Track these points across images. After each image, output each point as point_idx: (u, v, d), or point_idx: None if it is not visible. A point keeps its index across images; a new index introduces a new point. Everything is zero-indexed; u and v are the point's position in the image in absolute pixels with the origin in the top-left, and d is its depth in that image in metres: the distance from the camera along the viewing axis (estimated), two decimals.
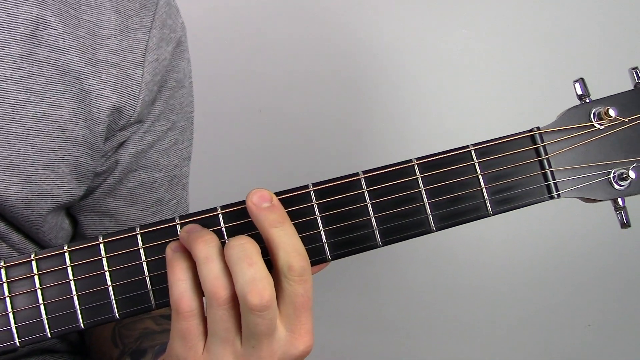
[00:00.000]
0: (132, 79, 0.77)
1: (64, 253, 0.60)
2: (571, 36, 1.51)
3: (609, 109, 0.57)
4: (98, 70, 0.75)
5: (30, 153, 0.72)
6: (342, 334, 1.59)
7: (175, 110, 0.85)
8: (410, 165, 0.58)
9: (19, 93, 0.70)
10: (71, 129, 0.73)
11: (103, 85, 0.75)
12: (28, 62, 0.71)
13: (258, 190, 0.56)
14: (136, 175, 0.84)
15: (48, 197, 0.75)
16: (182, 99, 0.86)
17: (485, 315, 1.63)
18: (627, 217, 0.58)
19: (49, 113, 0.72)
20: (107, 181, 0.82)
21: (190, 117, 0.89)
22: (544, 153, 0.58)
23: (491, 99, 1.52)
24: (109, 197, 0.84)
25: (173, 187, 0.89)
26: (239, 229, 0.59)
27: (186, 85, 0.87)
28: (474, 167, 0.58)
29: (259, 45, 1.50)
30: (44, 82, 0.71)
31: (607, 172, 0.58)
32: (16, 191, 0.72)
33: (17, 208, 0.73)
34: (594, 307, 1.63)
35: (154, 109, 0.82)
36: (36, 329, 0.60)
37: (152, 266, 0.60)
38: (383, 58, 1.51)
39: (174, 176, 0.88)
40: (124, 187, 0.84)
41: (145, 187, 0.85)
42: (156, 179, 0.86)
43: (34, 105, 0.71)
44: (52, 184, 0.75)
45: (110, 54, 0.76)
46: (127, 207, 0.85)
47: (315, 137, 1.54)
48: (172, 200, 0.89)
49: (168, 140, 0.85)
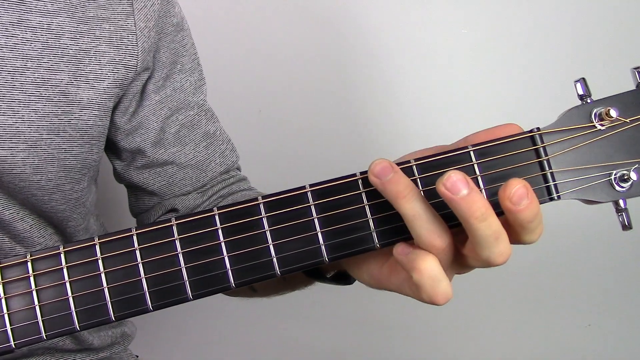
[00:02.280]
0: (126, 29, 0.79)
1: (60, 254, 0.60)
2: (572, 35, 1.50)
3: (610, 109, 0.57)
4: (91, 28, 0.76)
5: (34, 119, 0.73)
6: (342, 334, 1.59)
7: (180, 53, 0.89)
8: (408, 167, 0.57)
9: (16, 60, 0.71)
10: (74, 92, 0.75)
11: (99, 41, 0.77)
12: (20, 29, 0.72)
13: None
14: (174, 119, 0.88)
15: (54, 160, 0.76)
16: (184, 41, 0.90)
17: (485, 315, 1.62)
18: (629, 219, 0.58)
19: (48, 78, 0.73)
20: (150, 134, 0.86)
21: (195, 59, 0.92)
22: (544, 154, 0.57)
23: (491, 99, 1.52)
24: (160, 148, 0.88)
25: (210, 120, 0.93)
26: (235, 230, 0.59)
27: (185, 28, 0.90)
28: (473, 168, 0.57)
29: (259, 45, 1.49)
30: (40, 47, 0.73)
31: (608, 173, 0.57)
32: (23, 157, 0.73)
33: (26, 174, 0.74)
34: (594, 307, 1.63)
35: (160, 56, 0.85)
36: (32, 330, 0.60)
37: (148, 267, 0.59)
38: (383, 59, 1.51)
39: (207, 110, 0.93)
40: (168, 134, 0.88)
41: (187, 127, 0.89)
42: (193, 117, 0.90)
43: (33, 70, 0.72)
44: (58, 147, 0.76)
45: (100, 9, 0.77)
46: (181, 150, 0.89)
47: (315, 137, 1.54)
48: (216, 131, 0.94)
49: (185, 81, 0.89)
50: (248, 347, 1.57)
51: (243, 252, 0.59)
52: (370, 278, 0.59)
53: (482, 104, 1.51)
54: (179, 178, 0.90)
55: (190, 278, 0.59)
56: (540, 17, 1.51)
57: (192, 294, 0.59)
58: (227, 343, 1.56)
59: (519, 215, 0.51)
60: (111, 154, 0.91)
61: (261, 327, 1.53)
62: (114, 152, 0.91)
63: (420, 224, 0.53)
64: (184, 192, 0.91)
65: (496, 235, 0.52)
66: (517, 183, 0.51)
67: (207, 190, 0.92)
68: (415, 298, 0.55)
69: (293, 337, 1.57)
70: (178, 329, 1.57)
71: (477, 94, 1.51)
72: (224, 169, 0.94)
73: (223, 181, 0.94)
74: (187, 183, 0.91)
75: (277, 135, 1.53)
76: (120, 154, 0.89)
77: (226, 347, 1.56)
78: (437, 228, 0.53)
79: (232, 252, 0.59)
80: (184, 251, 0.59)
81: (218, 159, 0.93)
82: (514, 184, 0.51)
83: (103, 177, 0.96)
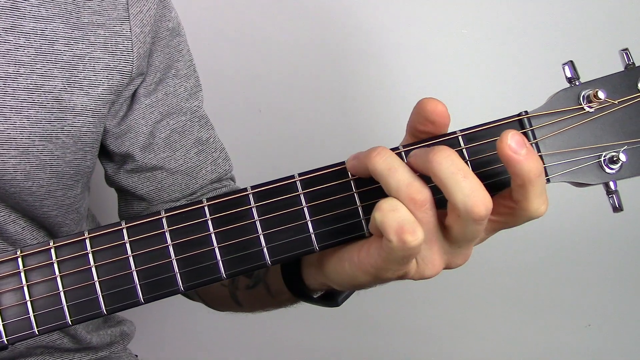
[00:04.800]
0: (121, 34, 0.78)
1: (50, 249, 0.59)
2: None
3: (598, 91, 0.56)
4: (85, 34, 0.75)
5: (26, 125, 0.72)
6: (342, 334, 1.58)
7: (175, 58, 0.87)
8: (397, 153, 0.57)
9: (8, 66, 0.71)
10: (67, 98, 0.74)
11: (93, 47, 0.76)
12: (13, 35, 0.71)
13: (511, 132, 0.51)
14: (165, 124, 0.86)
15: (46, 167, 0.76)
16: (179, 46, 0.88)
17: (485, 315, 1.61)
18: (620, 200, 0.57)
19: (40, 84, 0.73)
20: (140, 138, 0.85)
21: (191, 65, 0.91)
22: (533, 137, 0.57)
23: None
24: (150, 152, 0.86)
25: (204, 127, 0.91)
26: (225, 220, 0.58)
27: (181, 33, 0.89)
28: (462, 153, 0.57)
29: (259, 45, 1.49)
30: (33, 53, 0.72)
31: (597, 155, 0.57)
32: (14, 164, 0.72)
33: (17, 180, 0.73)
34: (594, 307, 1.62)
35: (154, 60, 0.84)
36: (23, 326, 0.60)
37: (139, 260, 0.59)
38: (382, 58, 1.51)
39: (201, 117, 0.91)
40: (158, 139, 0.86)
41: (178, 132, 0.87)
42: (185, 122, 0.88)
43: (25, 77, 0.72)
44: (50, 154, 0.75)
45: (94, 15, 0.76)
46: (171, 156, 0.87)
47: (315, 137, 1.54)
48: (209, 138, 0.91)
49: (179, 86, 0.87)
50: (248, 347, 1.57)
51: (233, 242, 0.59)
52: (351, 264, 0.58)
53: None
54: (168, 184, 0.89)
55: (181, 270, 0.59)
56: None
57: (184, 286, 0.59)
58: (227, 343, 1.56)
59: (524, 166, 0.51)
60: (102, 157, 0.90)
61: (261, 327, 1.53)
62: (105, 156, 0.90)
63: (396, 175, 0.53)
64: (173, 198, 0.90)
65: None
66: (511, 130, 0.51)
67: (196, 198, 0.91)
68: (391, 267, 0.54)
69: (293, 337, 1.56)
70: (178, 329, 1.57)
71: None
72: (215, 177, 0.92)
73: (214, 190, 0.92)
74: (176, 189, 0.89)
75: (277, 135, 1.53)
76: (111, 158, 0.89)
77: (226, 346, 1.56)
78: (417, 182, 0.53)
79: (222, 242, 0.59)
80: (174, 243, 0.59)
81: (210, 167, 0.91)
82: (508, 131, 0.51)
83: (100, 178, 0.96)
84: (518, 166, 0.51)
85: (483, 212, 0.50)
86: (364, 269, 0.56)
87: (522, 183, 0.52)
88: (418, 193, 0.52)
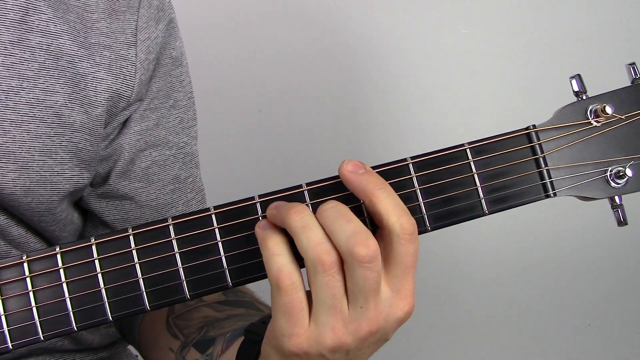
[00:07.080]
0: (126, 59, 0.77)
1: (56, 254, 0.59)
2: (568, 32, 1.50)
3: (605, 106, 0.57)
4: (91, 54, 0.75)
5: (26, 139, 0.71)
6: None
7: (175, 88, 0.86)
8: (405, 164, 0.57)
9: (12, 79, 0.70)
10: (67, 114, 0.73)
11: (97, 67, 0.75)
12: (19, 48, 0.71)
13: (349, 160, 0.56)
14: (147, 154, 0.84)
15: (47, 183, 0.74)
16: (181, 77, 0.86)
17: (485, 315, 1.62)
18: (625, 214, 0.58)
19: (42, 99, 0.72)
20: (119, 163, 0.82)
21: (191, 97, 0.89)
22: (540, 151, 0.57)
23: (487, 97, 1.52)
24: (124, 179, 0.83)
25: (187, 165, 0.88)
26: (232, 230, 0.59)
27: (184, 64, 0.87)
28: (469, 165, 0.57)
29: (259, 45, 1.49)
30: (37, 67, 0.71)
31: (604, 170, 0.57)
32: (14, 178, 0.71)
33: (16, 195, 0.73)
34: (594, 307, 1.62)
35: (151, 86, 0.82)
36: (29, 331, 0.60)
37: (145, 268, 0.59)
38: (382, 58, 1.51)
39: (187, 153, 0.88)
40: (137, 167, 0.83)
41: (159, 165, 0.85)
42: (168, 157, 0.85)
43: (28, 91, 0.71)
44: (51, 170, 0.74)
45: (102, 36, 0.76)
46: (145, 188, 0.84)
47: (315, 136, 1.54)
48: (188, 178, 0.88)
49: (173, 119, 0.85)
50: None
51: (240, 251, 0.59)
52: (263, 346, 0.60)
53: (478, 101, 1.51)
54: (135, 216, 0.85)
55: (187, 278, 0.59)
56: (536, 14, 1.51)
57: (190, 294, 0.59)
58: None
59: (362, 181, 0.55)
60: None
61: None
62: None
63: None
64: None
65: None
66: (350, 159, 0.56)
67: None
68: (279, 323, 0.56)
69: None
70: None
71: (473, 91, 1.51)
72: None
73: None
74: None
75: (277, 135, 1.53)
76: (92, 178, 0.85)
77: None
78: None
79: (229, 251, 0.59)
80: (181, 251, 0.59)
81: (181, 207, 0.88)
82: (347, 160, 0.56)
83: None
84: (357, 181, 0.55)
85: (364, 251, 0.52)
86: (268, 341, 0.58)
87: (368, 200, 0.55)
88: (326, 254, 0.53)
